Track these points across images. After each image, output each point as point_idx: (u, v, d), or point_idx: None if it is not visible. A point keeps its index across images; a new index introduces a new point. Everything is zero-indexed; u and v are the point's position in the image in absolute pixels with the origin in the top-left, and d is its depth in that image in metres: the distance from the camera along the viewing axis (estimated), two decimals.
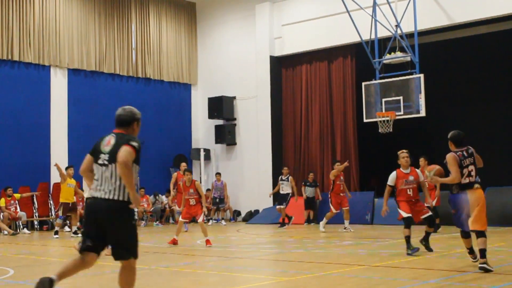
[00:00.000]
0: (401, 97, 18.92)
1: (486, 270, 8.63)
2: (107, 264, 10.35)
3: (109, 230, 6.11)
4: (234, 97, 25.32)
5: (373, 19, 19.69)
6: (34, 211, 20.91)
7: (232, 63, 25.49)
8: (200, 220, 13.79)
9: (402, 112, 18.95)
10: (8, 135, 20.89)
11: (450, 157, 9.04)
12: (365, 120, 20.04)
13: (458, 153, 9.03)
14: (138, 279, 9.04)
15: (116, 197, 6.07)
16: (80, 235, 17.79)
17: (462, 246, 11.73)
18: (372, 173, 23.64)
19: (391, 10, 19.49)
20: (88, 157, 6.36)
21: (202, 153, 25.41)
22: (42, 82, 21.78)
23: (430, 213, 11.48)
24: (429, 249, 11.37)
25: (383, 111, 19.21)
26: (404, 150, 11.79)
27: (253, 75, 24.57)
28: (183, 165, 18.32)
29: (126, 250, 6.17)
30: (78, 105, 22.61)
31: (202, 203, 14.09)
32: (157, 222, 22.75)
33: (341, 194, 17.18)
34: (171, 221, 23.48)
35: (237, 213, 24.73)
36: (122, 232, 6.14)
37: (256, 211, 23.63)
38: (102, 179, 6.15)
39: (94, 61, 23.08)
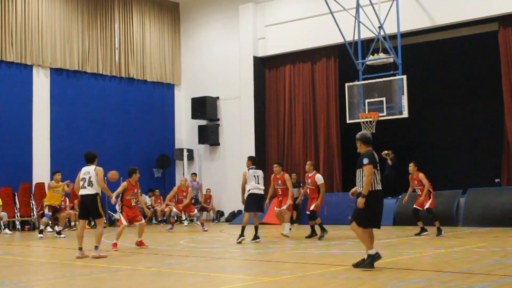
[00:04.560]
0: (384, 98, 19.06)
1: None
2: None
3: None
4: (218, 98, 25.32)
5: (356, 20, 19.77)
6: (16, 211, 20.78)
7: (216, 63, 25.49)
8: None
9: (385, 113, 19.07)
10: None
11: None
12: (348, 121, 20.15)
13: None
14: (120, 280, 9.03)
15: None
16: (63, 236, 17.61)
17: (445, 246, 11.86)
18: (355, 174, 23.65)
19: (374, 12, 19.58)
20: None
21: (185, 154, 25.41)
22: (24, 82, 21.66)
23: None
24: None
25: (366, 112, 19.31)
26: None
27: (237, 76, 24.58)
28: (183, 179, 20.14)
29: None
30: (60, 105, 22.48)
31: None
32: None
33: (280, 199, 16.15)
34: (153, 221, 23.41)
35: (220, 213, 24.72)
36: None
37: (239, 212, 23.61)
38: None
39: (77, 60, 22.98)
